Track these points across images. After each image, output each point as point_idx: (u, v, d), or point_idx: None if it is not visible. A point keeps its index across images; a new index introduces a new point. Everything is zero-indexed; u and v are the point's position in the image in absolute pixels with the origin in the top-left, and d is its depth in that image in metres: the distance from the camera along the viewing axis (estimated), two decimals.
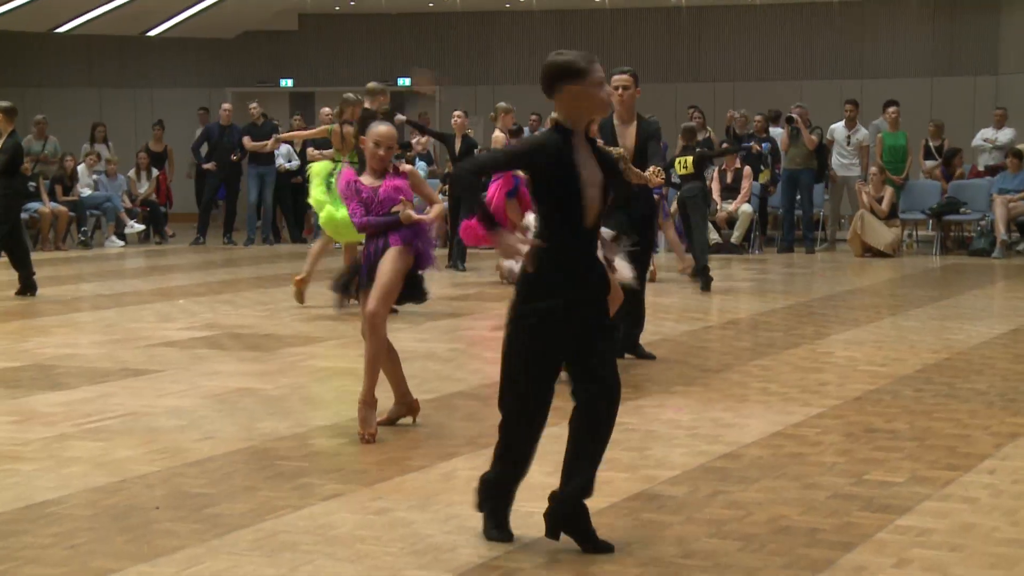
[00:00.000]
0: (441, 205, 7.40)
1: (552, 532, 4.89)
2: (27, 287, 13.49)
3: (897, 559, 4.82)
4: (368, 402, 6.87)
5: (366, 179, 7.07)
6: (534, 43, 25.55)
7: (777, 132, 19.80)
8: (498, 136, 15.63)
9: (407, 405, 7.24)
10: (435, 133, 17.98)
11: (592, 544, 4.83)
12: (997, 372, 8.81)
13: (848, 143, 19.29)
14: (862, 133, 19.36)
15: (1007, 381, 8.47)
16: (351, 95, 13.00)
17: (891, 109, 19.42)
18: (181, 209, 23.62)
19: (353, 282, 7.06)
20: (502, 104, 16.03)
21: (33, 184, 18.88)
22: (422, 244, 7.00)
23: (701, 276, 13.95)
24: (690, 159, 14.91)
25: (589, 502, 4.88)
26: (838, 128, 19.35)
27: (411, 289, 7.01)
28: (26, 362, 9.51)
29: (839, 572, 4.67)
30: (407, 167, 7.25)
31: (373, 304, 6.82)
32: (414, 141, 19.99)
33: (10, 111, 13.80)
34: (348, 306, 8.10)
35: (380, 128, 7.11)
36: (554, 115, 5.00)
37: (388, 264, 6.87)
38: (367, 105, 13.02)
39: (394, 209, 6.93)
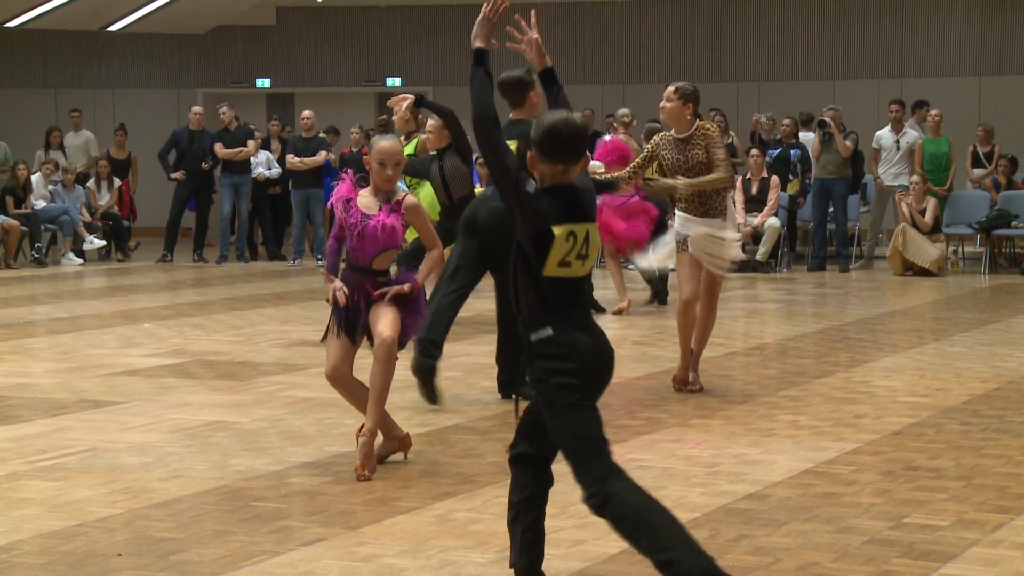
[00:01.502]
0: (438, 251, 7.30)
1: None
2: None
3: None
4: (375, 435, 6.95)
5: (364, 200, 7.05)
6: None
7: (808, 137, 19.80)
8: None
9: (397, 440, 7.25)
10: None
11: None
12: None
13: (898, 148, 19.13)
14: (911, 136, 19.06)
15: None
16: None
17: (933, 112, 19.34)
18: (146, 223, 23.62)
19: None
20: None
21: None
22: (410, 320, 7.10)
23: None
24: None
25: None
26: (884, 134, 19.19)
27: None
28: None
29: None
30: (410, 200, 7.13)
31: (390, 331, 6.86)
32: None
33: None
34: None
35: (384, 144, 7.09)
36: None
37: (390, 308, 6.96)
38: None
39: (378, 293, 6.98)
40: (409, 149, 12.04)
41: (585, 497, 4.60)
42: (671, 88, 9.19)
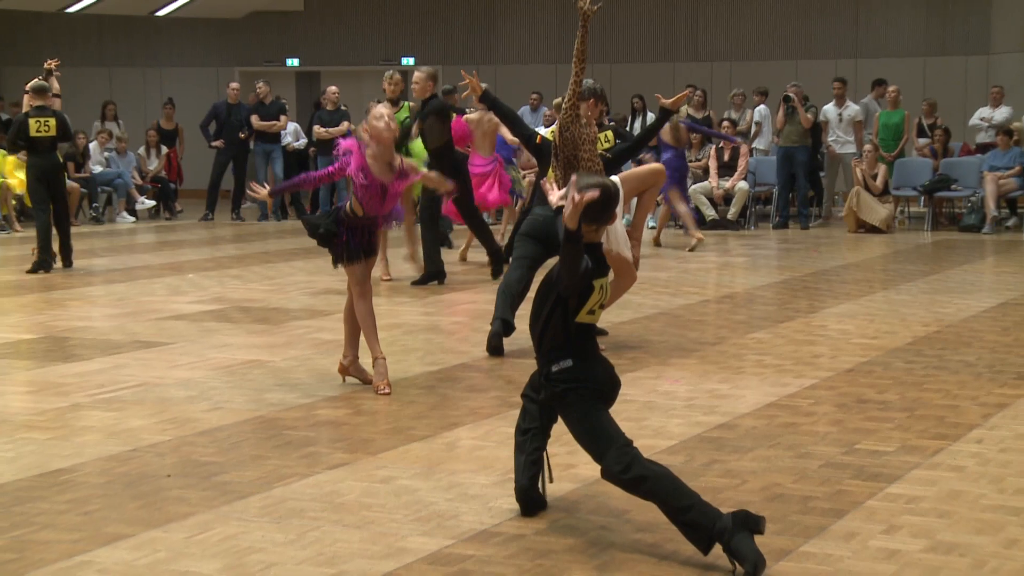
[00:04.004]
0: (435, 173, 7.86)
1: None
2: (43, 263, 13.49)
3: (887, 525, 4.85)
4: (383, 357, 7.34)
5: (376, 166, 7.10)
6: (534, 22, 25.50)
7: (761, 109, 20.11)
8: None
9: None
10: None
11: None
12: (985, 344, 8.83)
13: (840, 120, 19.31)
14: (852, 109, 19.36)
15: (995, 353, 8.49)
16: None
17: (891, 88, 19.49)
18: (191, 186, 23.60)
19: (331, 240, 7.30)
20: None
21: None
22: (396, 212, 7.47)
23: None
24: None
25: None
26: (829, 108, 19.36)
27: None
28: (41, 334, 9.54)
29: (830, 538, 4.70)
30: (408, 163, 7.35)
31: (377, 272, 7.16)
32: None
33: (38, 90, 13.89)
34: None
35: (383, 109, 7.19)
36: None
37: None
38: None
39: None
40: (402, 114, 12.10)
41: (607, 465, 4.58)
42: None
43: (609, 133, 9.51)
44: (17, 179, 18.57)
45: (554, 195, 5.11)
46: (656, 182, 8.98)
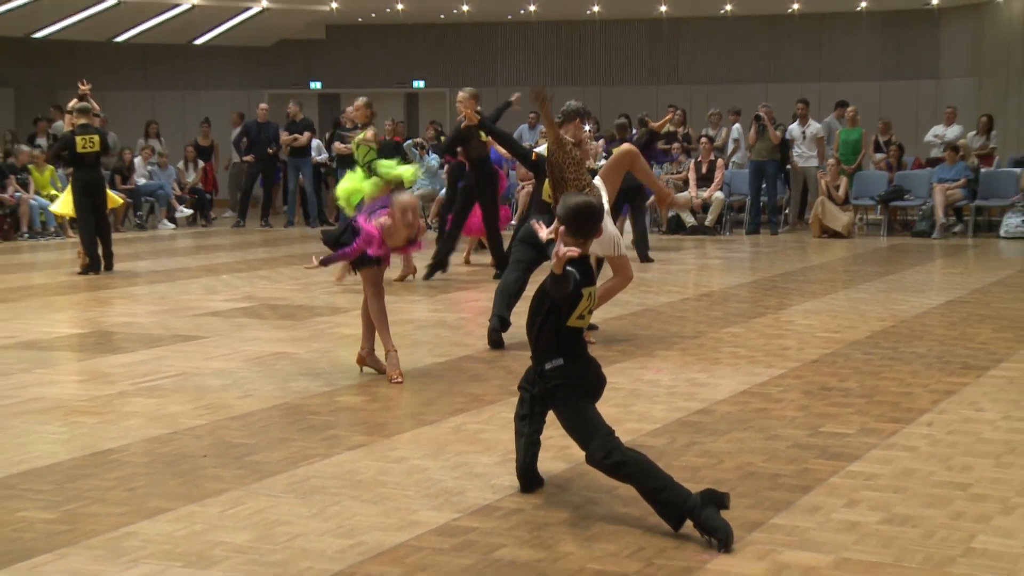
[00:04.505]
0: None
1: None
2: (92, 266, 13.49)
3: (848, 500, 4.84)
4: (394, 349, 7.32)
5: (392, 243, 7.18)
6: (533, 50, 25.48)
7: (735, 128, 20.16)
8: None
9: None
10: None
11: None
12: (935, 337, 8.82)
13: (804, 137, 19.30)
14: (814, 127, 19.35)
15: (944, 345, 8.48)
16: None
17: (849, 109, 19.53)
18: (226, 196, 23.61)
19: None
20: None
21: None
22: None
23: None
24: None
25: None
26: (793, 128, 19.35)
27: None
28: (91, 329, 9.53)
29: (797, 512, 4.70)
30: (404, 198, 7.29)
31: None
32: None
33: (83, 111, 13.89)
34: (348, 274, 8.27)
35: (404, 199, 7.20)
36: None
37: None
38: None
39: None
40: (360, 136, 12.12)
41: (591, 452, 4.57)
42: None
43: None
44: (53, 192, 18.61)
45: (543, 232, 5.09)
46: (632, 160, 8.54)
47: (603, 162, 9.34)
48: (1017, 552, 4.23)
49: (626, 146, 8.78)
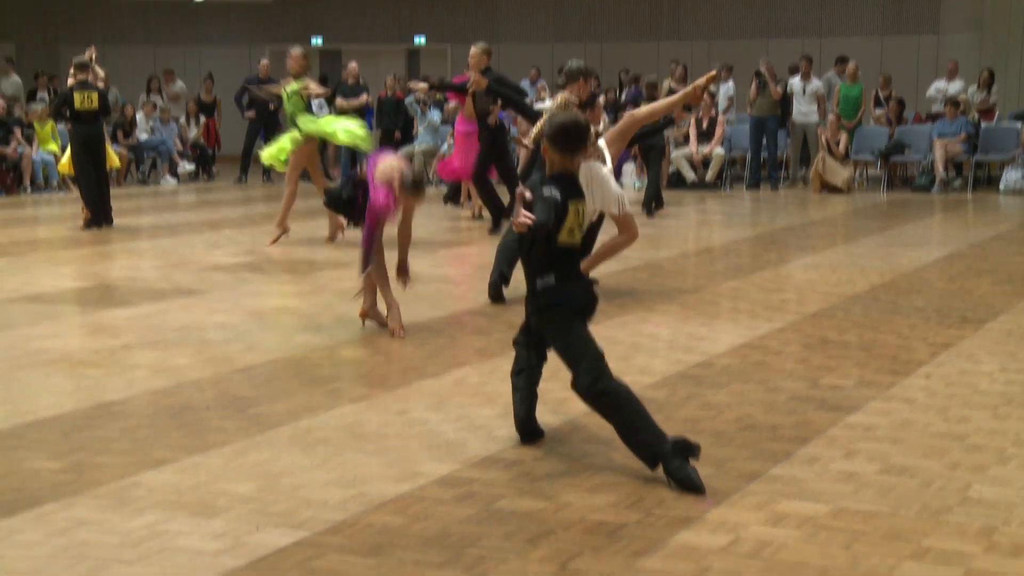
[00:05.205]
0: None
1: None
2: (95, 220, 13.46)
3: (846, 451, 4.86)
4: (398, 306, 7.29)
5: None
6: (533, 6, 25.30)
7: (729, 84, 20.13)
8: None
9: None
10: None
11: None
12: (933, 291, 8.82)
13: (804, 93, 19.20)
14: (815, 84, 19.26)
15: (942, 299, 8.48)
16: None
17: (850, 64, 19.41)
18: (226, 152, 23.54)
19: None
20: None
21: None
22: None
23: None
24: None
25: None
26: (795, 82, 19.26)
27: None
28: (95, 283, 9.54)
29: (796, 462, 4.71)
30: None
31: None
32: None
33: (81, 66, 13.80)
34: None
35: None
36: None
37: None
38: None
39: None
40: (293, 87, 11.88)
41: (579, 377, 4.57)
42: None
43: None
44: (52, 146, 18.57)
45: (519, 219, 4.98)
46: (637, 124, 8.39)
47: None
48: (1012, 500, 4.25)
49: (631, 114, 8.73)
